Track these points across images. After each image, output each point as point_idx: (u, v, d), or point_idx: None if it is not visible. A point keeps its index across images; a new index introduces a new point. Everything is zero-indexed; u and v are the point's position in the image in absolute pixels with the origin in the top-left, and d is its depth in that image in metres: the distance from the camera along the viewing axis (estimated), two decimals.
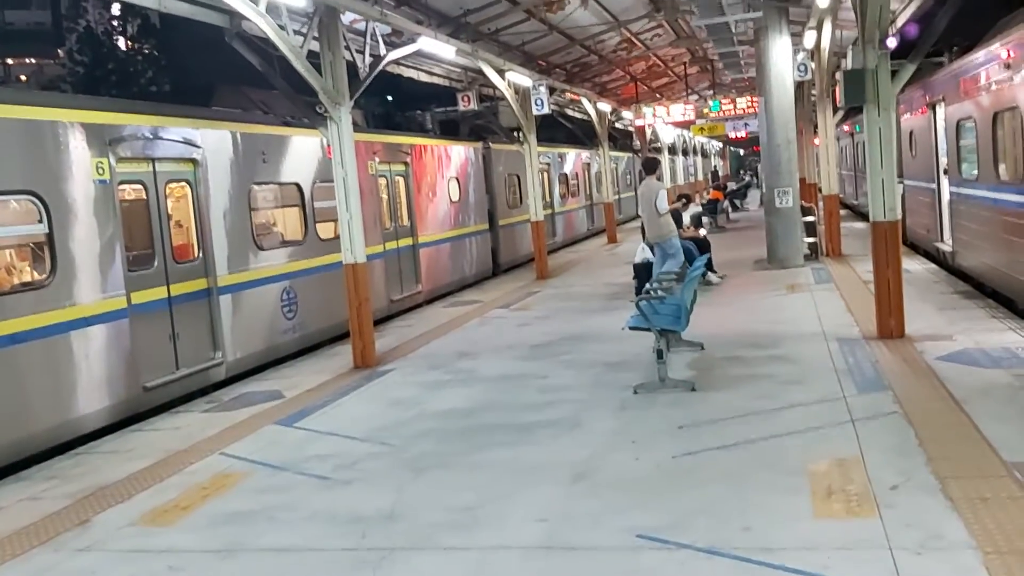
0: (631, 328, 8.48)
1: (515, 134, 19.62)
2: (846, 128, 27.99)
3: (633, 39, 20.24)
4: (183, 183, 10.43)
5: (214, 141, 10.81)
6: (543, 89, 17.99)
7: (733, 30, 16.54)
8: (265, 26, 9.22)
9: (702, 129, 32.91)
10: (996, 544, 4.45)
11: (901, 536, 4.63)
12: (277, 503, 6.08)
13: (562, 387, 8.71)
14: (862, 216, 24.46)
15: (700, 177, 56.14)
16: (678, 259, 12.62)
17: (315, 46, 10.33)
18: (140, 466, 7.26)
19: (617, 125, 32.82)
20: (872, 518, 4.89)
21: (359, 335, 10.70)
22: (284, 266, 12.07)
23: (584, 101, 24.44)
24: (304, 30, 10.25)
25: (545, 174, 24.54)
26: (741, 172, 77.58)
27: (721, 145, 70.36)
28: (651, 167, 13.39)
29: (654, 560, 4.71)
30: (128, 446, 8.02)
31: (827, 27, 16.27)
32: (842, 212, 21.16)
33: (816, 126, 21.44)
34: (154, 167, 9.88)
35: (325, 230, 12.99)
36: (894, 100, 9.59)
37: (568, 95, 23.49)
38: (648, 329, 8.20)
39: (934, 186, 14.60)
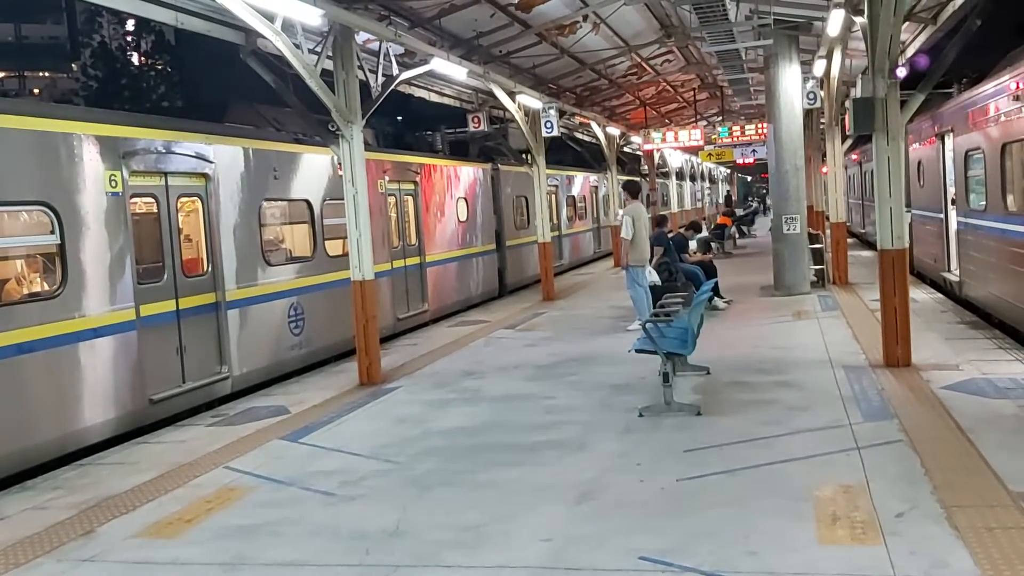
0: (637, 351, 8.50)
1: (524, 156, 19.71)
2: (854, 157, 28.05)
3: (643, 64, 20.35)
4: (194, 197, 10.50)
5: (226, 157, 10.89)
6: (553, 112, 18.10)
7: (743, 57, 16.65)
8: (280, 44, 9.32)
9: (710, 155, 33.05)
10: (1001, 574, 4.43)
11: (906, 564, 4.62)
12: (281, 518, 6.08)
13: (567, 408, 8.71)
14: (869, 245, 24.48)
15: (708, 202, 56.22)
16: (633, 289, 13.06)
17: (329, 65, 10.44)
18: (145, 478, 7.27)
19: (626, 149, 32.93)
20: (877, 545, 4.88)
21: (365, 352, 10.72)
22: (292, 282, 12.12)
23: (593, 125, 24.56)
24: (318, 49, 10.35)
25: (553, 196, 24.62)
26: (748, 199, 77.79)
27: (729, 171, 70.51)
28: (634, 190, 13.57)
29: None
30: (133, 458, 8.03)
31: (837, 56, 16.36)
32: (849, 240, 21.17)
33: (824, 154, 21.51)
34: (166, 181, 9.95)
35: (333, 247, 13.05)
36: (903, 129, 9.64)
37: (577, 118, 23.61)
38: (654, 352, 8.21)
39: (942, 216, 14.63)
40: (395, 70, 12.19)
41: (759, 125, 24.27)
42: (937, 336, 10.97)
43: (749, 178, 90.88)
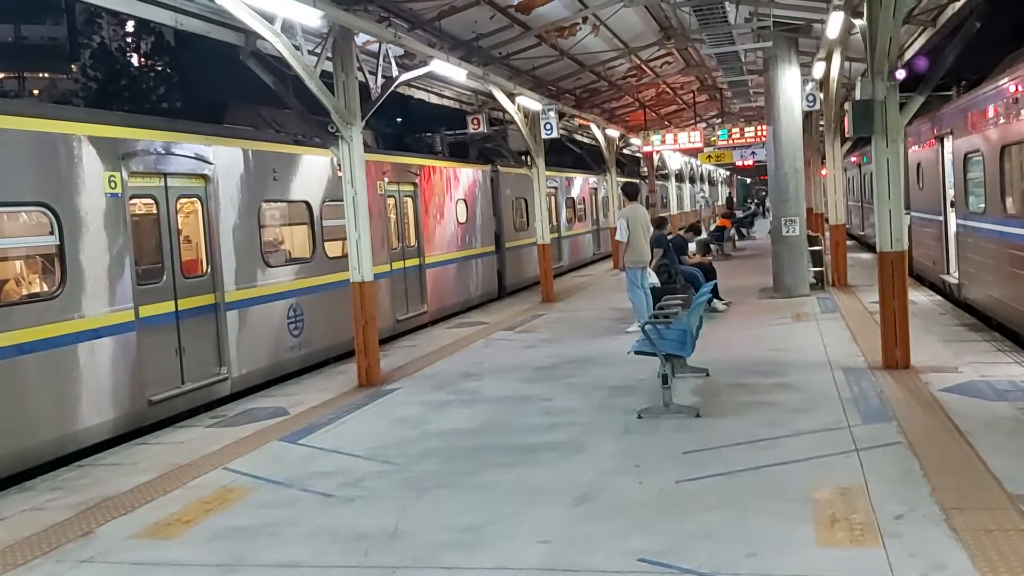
0: (636, 352, 8.50)
1: (523, 158, 19.73)
2: (853, 159, 28.07)
3: (643, 66, 20.36)
4: (194, 199, 10.50)
5: (226, 158, 10.89)
6: (552, 114, 18.10)
7: (743, 59, 16.67)
8: (279, 45, 9.32)
9: (710, 157, 33.07)
10: None
11: (905, 566, 4.62)
12: (280, 519, 6.08)
13: (566, 410, 8.71)
14: (868, 247, 24.49)
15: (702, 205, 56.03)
16: (631, 291, 13.08)
17: (328, 66, 10.44)
18: (144, 479, 7.27)
19: (625, 151, 32.93)
20: (876, 547, 4.88)
21: (364, 353, 10.72)
22: (291, 283, 12.11)
23: (593, 127, 24.57)
24: (318, 50, 10.35)
25: (552, 198, 24.62)
26: (747, 201, 77.85)
27: (728, 173, 70.55)
28: (632, 192, 13.61)
29: None
30: (132, 459, 8.03)
31: (836, 58, 16.37)
32: (848, 243, 21.18)
33: (824, 156, 21.51)
34: (165, 182, 9.95)
35: (333, 248, 13.05)
36: (902, 132, 9.65)
37: (577, 120, 23.62)
38: (653, 354, 8.21)
39: (941, 218, 14.64)
40: (395, 72, 12.20)
41: (758, 127, 24.28)
42: (936, 338, 10.97)
43: (748, 180, 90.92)
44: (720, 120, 29.02)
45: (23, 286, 8.65)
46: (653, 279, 13.51)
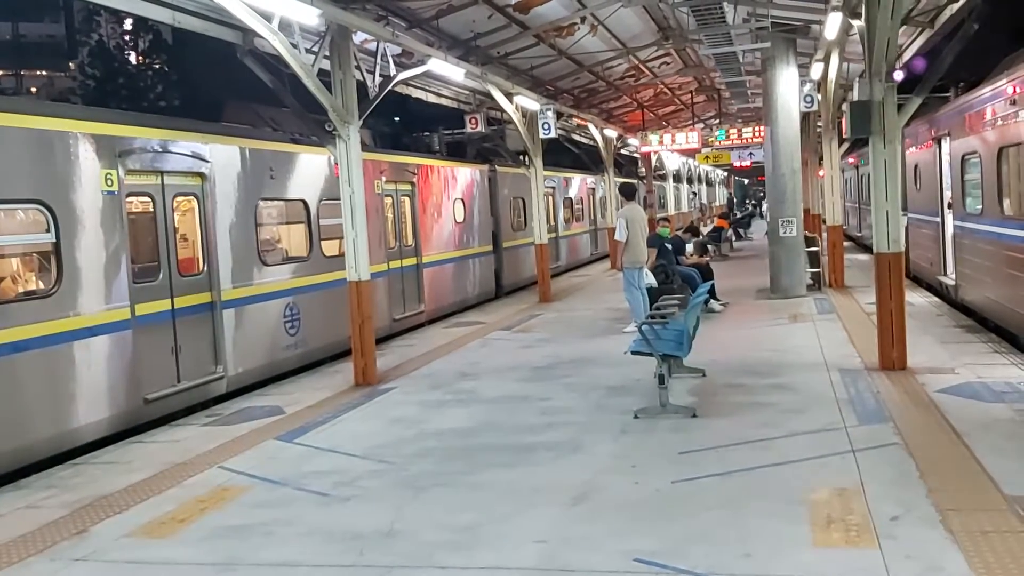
0: (633, 353, 8.49)
1: (521, 157, 19.72)
2: (851, 160, 28.08)
3: (641, 66, 20.35)
4: (190, 197, 10.48)
5: (223, 156, 10.87)
6: (550, 113, 18.09)
7: (741, 60, 16.69)
8: (277, 43, 9.30)
9: (707, 158, 33.08)
10: None
11: (901, 567, 4.62)
12: (275, 518, 6.07)
13: (563, 409, 8.71)
14: (865, 248, 24.49)
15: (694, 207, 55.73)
16: (629, 291, 13.11)
17: (326, 64, 10.42)
18: (139, 478, 7.25)
19: (623, 151, 32.92)
20: (872, 549, 4.88)
21: (361, 353, 10.70)
22: (288, 282, 12.09)
23: (591, 127, 24.56)
24: (316, 48, 10.34)
25: (550, 198, 24.62)
26: (745, 202, 77.88)
27: (726, 174, 70.55)
28: (629, 193, 13.66)
29: None
30: (127, 457, 8.01)
31: (834, 59, 16.37)
32: (845, 244, 21.19)
33: (821, 157, 21.52)
34: (162, 180, 9.93)
35: (330, 247, 13.03)
36: (899, 133, 9.65)
37: (575, 120, 23.61)
38: (650, 354, 8.20)
39: (938, 220, 14.65)
40: (392, 70, 12.18)
41: (756, 128, 24.29)
42: (933, 340, 10.97)
43: (746, 181, 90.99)
44: (718, 121, 29.02)
45: (19, 284, 8.62)
46: (650, 279, 13.52)
